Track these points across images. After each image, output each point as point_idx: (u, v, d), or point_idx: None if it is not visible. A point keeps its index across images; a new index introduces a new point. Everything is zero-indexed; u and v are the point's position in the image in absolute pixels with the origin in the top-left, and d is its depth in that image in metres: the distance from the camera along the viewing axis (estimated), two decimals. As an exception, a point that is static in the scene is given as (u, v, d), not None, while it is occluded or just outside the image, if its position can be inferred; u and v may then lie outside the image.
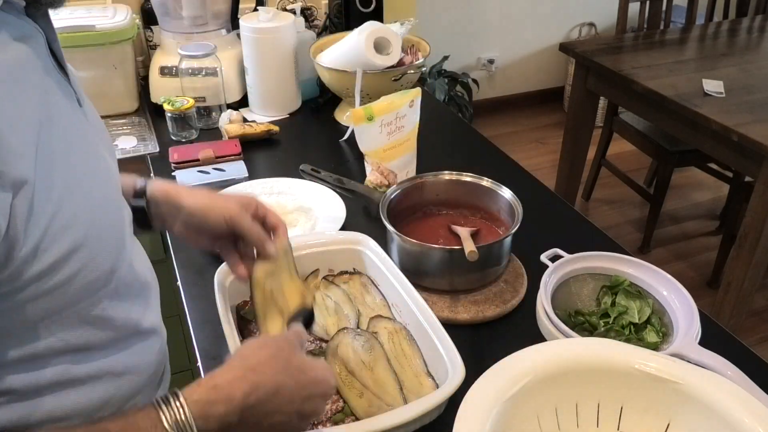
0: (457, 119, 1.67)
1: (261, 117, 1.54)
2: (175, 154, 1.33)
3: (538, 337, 0.86)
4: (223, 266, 0.90)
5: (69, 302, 0.56)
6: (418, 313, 0.83)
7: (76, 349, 0.60)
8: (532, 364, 0.64)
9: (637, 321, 0.87)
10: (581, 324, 0.88)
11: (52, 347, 0.57)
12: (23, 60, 0.53)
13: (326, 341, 0.86)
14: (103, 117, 0.70)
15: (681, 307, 0.85)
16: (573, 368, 0.65)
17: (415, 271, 0.95)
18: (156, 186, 0.79)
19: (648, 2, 2.55)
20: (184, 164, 1.32)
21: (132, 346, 0.67)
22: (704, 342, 0.79)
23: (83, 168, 0.57)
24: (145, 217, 0.78)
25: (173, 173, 1.31)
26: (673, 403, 0.63)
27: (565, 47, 2.41)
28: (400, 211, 1.04)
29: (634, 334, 0.86)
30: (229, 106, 1.54)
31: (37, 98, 0.52)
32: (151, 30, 1.67)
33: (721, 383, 0.62)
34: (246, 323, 0.89)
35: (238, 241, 0.79)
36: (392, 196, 1.03)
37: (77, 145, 0.57)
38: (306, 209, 1.16)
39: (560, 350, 0.67)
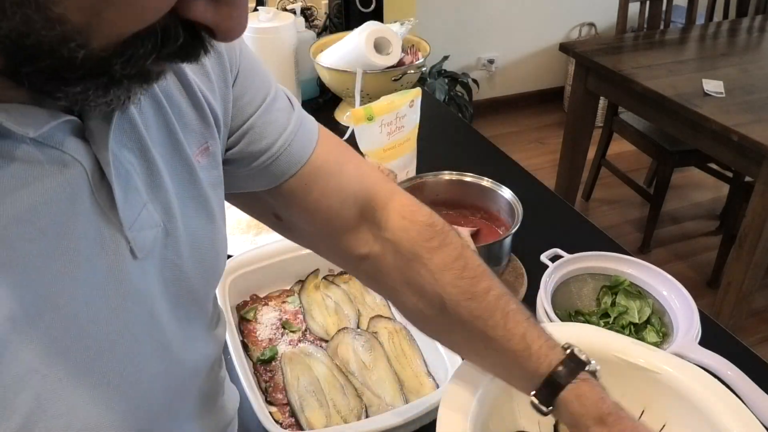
0: (457, 119, 1.67)
1: (261, 117, 1.54)
2: (175, 154, 1.33)
3: (538, 337, 0.86)
4: (224, 266, 0.90)
5: None
6: (418, 313, 0.83)
7: None
8: None
9: (637, 321, 0.87)
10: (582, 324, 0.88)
11: None
12: (15, 215, 0.36)
13: (326, 341, 0.86)
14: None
15: (681, 307, 0.85)
16: None
17: (415, 271, 0.95)
18: (567, 404, 0.53)
19: (648, 2, 2.54)
20: (184, 164, 1.32)
21: None
22: (704, 342, 0.79)
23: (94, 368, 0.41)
24: None
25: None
26: (650, 391, 0.64)
27: (565, 47, 2.41)
28: (400, 211, 1.04)
29: (634, 334, 0.86)
30: (229, 106, 1.54)
31: (17, 273, 0.36)
32: (151, 30, 1.67)
33: (700, 376, 0.62)
34: (246, 323, 0.89)
35: None
36: (392, 196, 1.03)
37: (88, 333, 0.41)
38: (306, 209, 1.16)
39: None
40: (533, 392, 0.55)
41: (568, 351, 0.55)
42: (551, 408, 0.54)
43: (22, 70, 0.32)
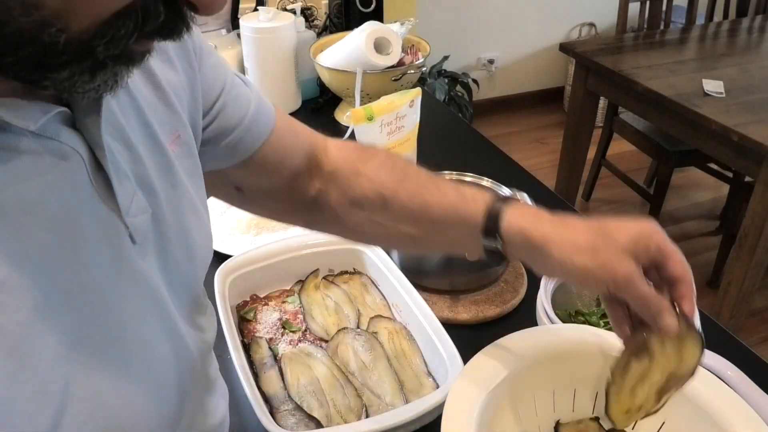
0: (457, 119, 1.67)
1: (261, 117, 1.54)
2: (175, 154, 1.33)
3: (538, 337, 0.86)
4: (223, 266, 0.90)
5: None
6: (418, 313, 0.83)
7: None
8: (518, 352, 0.64)
9: (637, 321, 0.87)
10: (581, 324, 0.88)
11: None
12: (25, 206, 0.37)
13: (326, 341, 0.86)
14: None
15: (681, 307, 0.85)
16: (555, 355, 0.65)
17: (415, 271, 0.95)
18: (513, 222, 0.56)
19: (648, 2, 2.55)
20: (184, 164, 1.32)
21: None
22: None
23: (108, 358, 0.42)
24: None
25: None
26: None
27: (565, 47, 2.41)
28: (400, 211, 1.04)
29: (634, 334, 0.86)
30: (229, 106, 1.54)
31: (35, 263, 0.37)
32: (151, 30, 1.67)
33: (705, 378, 0.62)
34: (246, 323, 0.89)
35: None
36: (392, 196, 1.03)
37: (100, 322, 0.41)
38: (306, 209, 1.16)
39: (547, 337, 0.68)
40: (481, 230, 0.58)
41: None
42: (499, 238, 0.57)
43: (5, 60, 0.31)
